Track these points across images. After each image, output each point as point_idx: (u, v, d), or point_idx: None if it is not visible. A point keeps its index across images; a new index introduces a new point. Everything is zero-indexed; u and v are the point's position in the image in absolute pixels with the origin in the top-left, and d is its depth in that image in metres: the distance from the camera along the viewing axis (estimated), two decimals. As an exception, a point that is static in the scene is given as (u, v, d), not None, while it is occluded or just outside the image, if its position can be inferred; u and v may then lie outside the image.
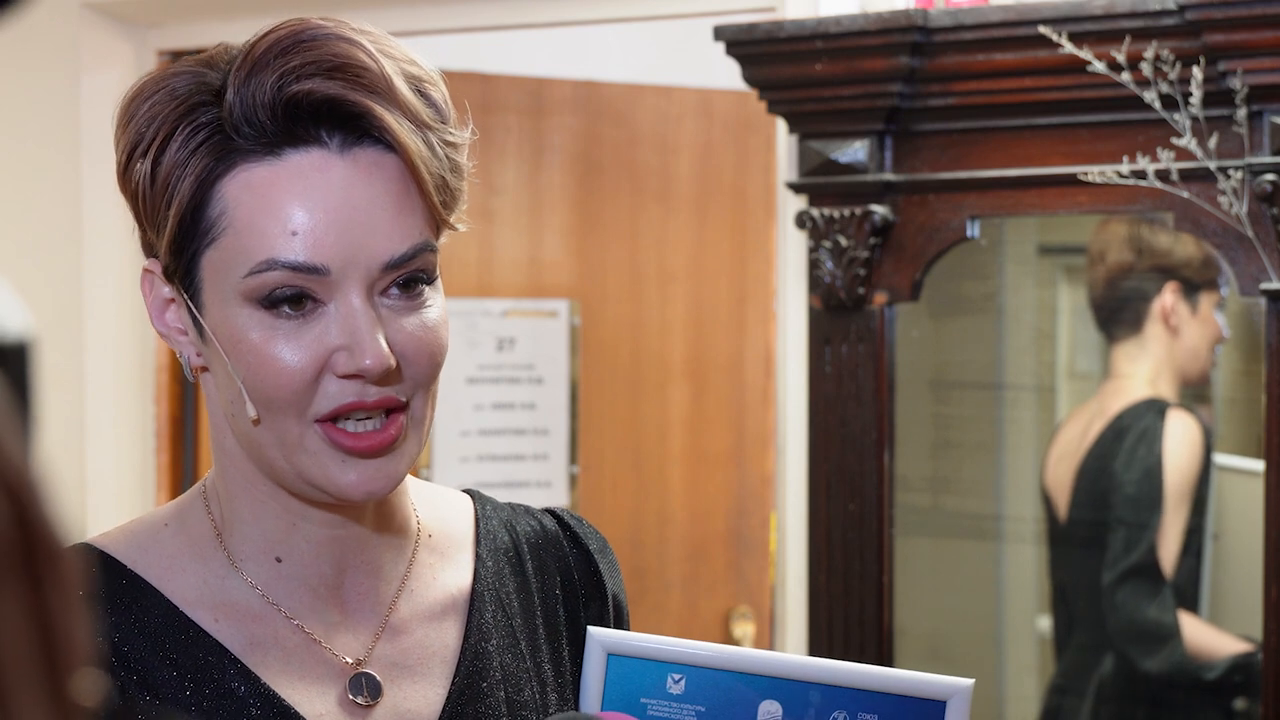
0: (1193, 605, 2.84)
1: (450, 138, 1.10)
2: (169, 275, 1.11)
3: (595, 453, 3.56)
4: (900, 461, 2.46)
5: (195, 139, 1.07)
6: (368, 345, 1.05)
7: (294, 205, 1.05)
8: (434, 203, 1.08)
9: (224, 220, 1.06)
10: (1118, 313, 2.89)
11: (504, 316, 3.50)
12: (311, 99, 1.05)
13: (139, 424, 3.26)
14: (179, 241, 1.08)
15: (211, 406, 1.15)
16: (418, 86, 1.09)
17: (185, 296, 1.10)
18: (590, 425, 3.56)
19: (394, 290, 1.08)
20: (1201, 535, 2.83)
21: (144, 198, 1.09)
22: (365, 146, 1.07)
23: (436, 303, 1.11)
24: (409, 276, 1.08)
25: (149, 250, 1.13)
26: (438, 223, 1.11)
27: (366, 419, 1.08)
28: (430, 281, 1.10)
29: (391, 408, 1.08)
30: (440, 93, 1.11)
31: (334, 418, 1.08)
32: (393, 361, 1.07)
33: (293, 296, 1.06)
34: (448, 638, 1.19)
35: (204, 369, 1.13)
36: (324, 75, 1.05)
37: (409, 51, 1.11)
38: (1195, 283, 2.82)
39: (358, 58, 1.06)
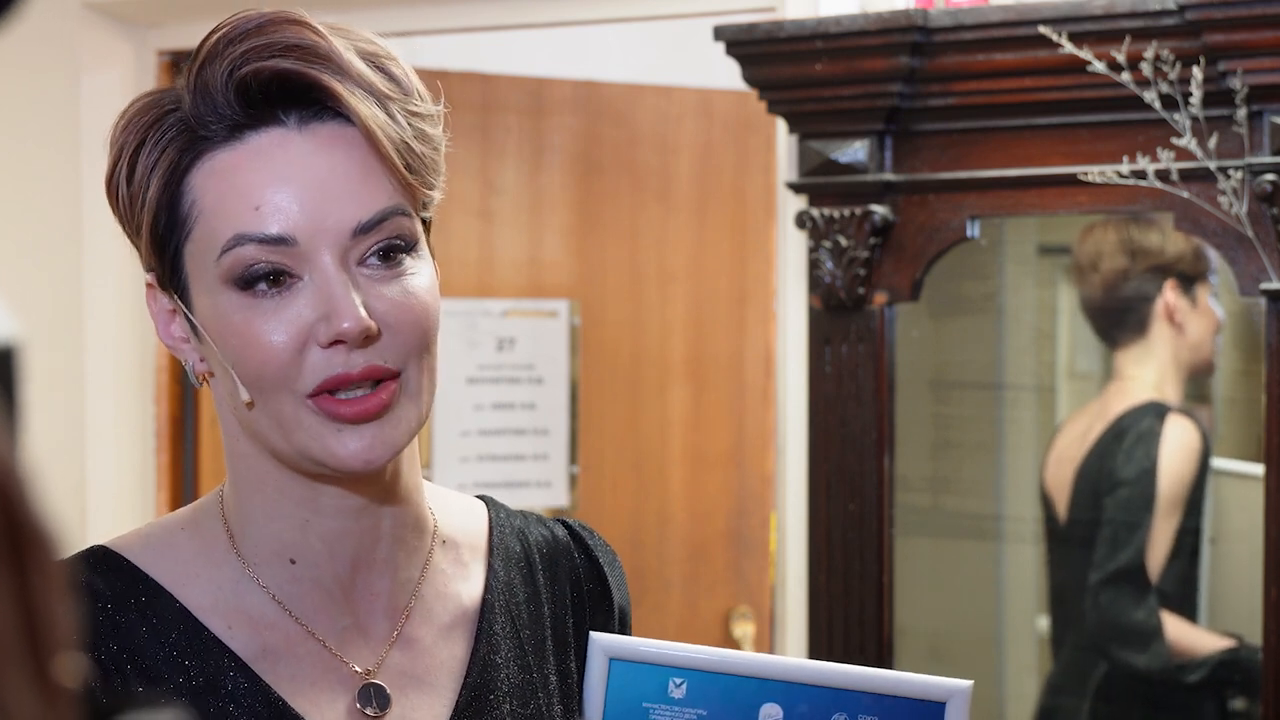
0: (1189, 609, 2.84)
1: (414, 108, 1.11)
2: (161, 282, 1.12)
3: (595, 453, 3.56)
4: (900, 461, 2.46)
5: (163, 140, 1.09)
6: (343, 308, 1.05)
7: (256, 182, 1.07)
8: (396, 167, 1.08)
9: (195, 210, 1.08)
10: (1120, 318, 2.89)
11: (504, 316, 3.50)
12: (261, 77, 1.06)
13: (139, 424, 3.26)
14: (159, 242, 1.10)
15: (222, 411, 1.15)
16: (374, 62, 1.10)
17: (176, 298, 1.11)
18: (590, 425, 3.56)
19: (373, 259, 1.08)
20: (1198, 539, 2.84)
21: (124, 207, 1.11)
22: (324, 121, 1.08)
23: (421, 271, 1.11)
24: (387, 245, 1.08)
25: (146, 264, 1.14)
26: (412, 190, 1.11)
27: (356, 389, 1.08)
28: (410, 249, 1.10)
29: (379, 377, 1.08)
30: (400, 69, 1.12)
31: (324, 391, 1.08)
32: (371, 324, 1.06)
33: (267, 274, 1.07)
34: (457, 648, 1.19)
35: (210, 374, 1.13)
36: (274, 55, 1.07)
37: (365, 32, 1.12)
38: (1190, 276, 2.83)
39: (306, 36, 1.08)
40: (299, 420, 1.08)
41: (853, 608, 2.41)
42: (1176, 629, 2.79)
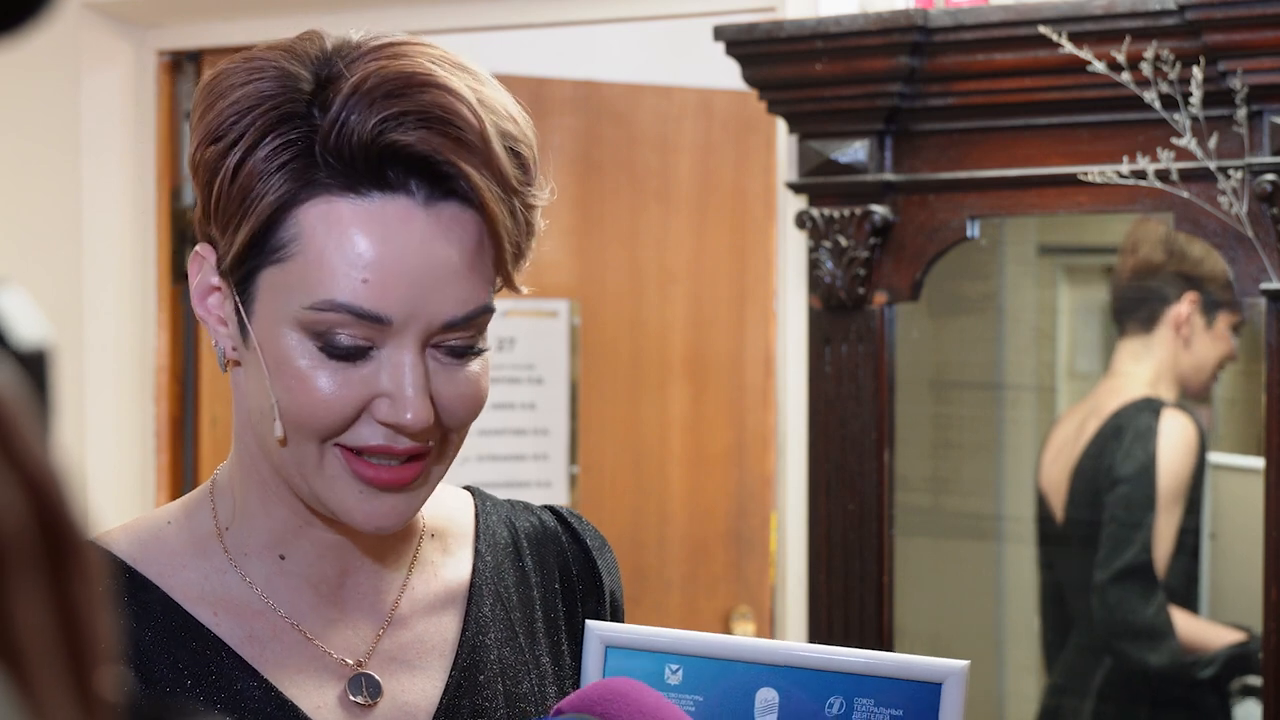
0: (1191, 604, 2.84)
1: (532, 200, 1.10)
2: (222, 269, 1.10)
3: (595, 453, 3.56)
4: (900, 461, 2.46)
5: (282, 155, 1.05)
6: (411, 402, 1.06)
7: (369, 250, 1.04)
8: (507, 271, 1.09)
9: (295, 245, 1.05)
10: (1133, 307, 2.89)
11: (504, 316, 3.50)
12: (411, 152, 1.03)
13: (139, 424, 3.26)
14: (245, 252, 1.07)
15: (239, 400, 1.15)
16: (511, 146, 1.08)
17: (237, 298, 1.09)
18: (590, 425, 3.56)
19: (444, 350, 1.08)
20: (1198, 535, 2.84)
21: (219, 195, 1.07)
22: (449, 201, 1.05)
23: (482, 354, 1.11)
24: (463, 346, 1.08)
25: (206, 236, 1.11)
26: (506, 283, 1.11)
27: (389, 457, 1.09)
28: (482, 350, 1.10)
29: (419, 456, 1.09)
30: (530, 151, 1.10)
31: (357, 449, 1.08)
32: (431, 421, 1.07)
33: (349, 348, 1.05)
34: (446, 631, 1.20)
35: (237, 363, 1.13)
36: (425, 127, 1.03)
37: (508, 103, 1.09)
38: (1217, 299, 2.82)
39: (461, 113, 1.04)
40: (322, 465, 1.08)
41: (853, 608, 2.41)
42: (1186, 624, 2.79)
